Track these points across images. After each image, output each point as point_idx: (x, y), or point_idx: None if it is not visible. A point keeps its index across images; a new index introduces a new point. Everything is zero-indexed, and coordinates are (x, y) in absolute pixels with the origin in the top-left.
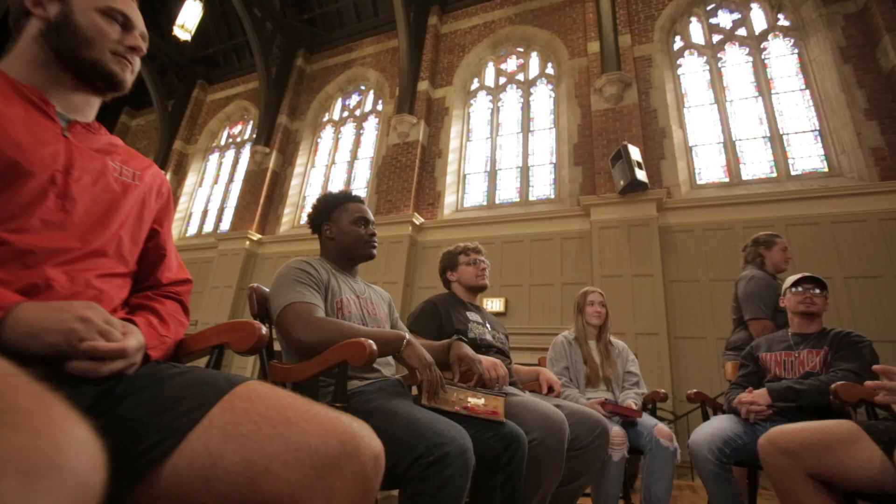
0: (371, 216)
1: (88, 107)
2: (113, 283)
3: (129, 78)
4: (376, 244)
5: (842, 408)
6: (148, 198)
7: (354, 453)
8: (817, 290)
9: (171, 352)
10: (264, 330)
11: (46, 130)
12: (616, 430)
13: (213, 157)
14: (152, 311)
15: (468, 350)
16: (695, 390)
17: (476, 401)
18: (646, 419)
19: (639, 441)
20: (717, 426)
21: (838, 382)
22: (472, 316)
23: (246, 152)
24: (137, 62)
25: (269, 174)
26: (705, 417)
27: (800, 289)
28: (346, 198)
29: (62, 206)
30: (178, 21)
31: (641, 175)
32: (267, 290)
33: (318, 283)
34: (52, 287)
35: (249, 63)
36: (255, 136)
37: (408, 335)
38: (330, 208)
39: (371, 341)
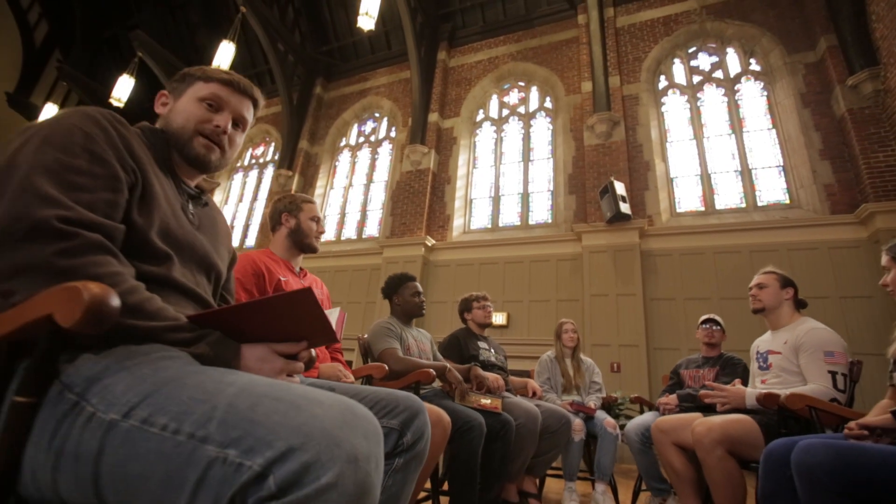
0: (421, 289)
1: (300, 260)
2: (326, 350)
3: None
4: (425, 308)
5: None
6: (325, 303)
7: (442, 419)
8: (717, 327)
9: None
10: (387, 367)
11: (298, 283)
12: (577, 422)
13: (238, 177)
14: (339, 361)
15: (480, 371)
16: (636, 395)
17: (485, 401)
18: (599, 414)
19: (594, 429)
20: (643, 419)
21: (702, 391)
22: (481, 345)
23: (268, 173)
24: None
25: None
26: (642, 412)
27: (706, 326)
28: (406, 278)
29: None
30: (214, 63)
31: (625, 208)
32: (366, 336)
33: (397, 336)
34: (319, 357)
35: (270, 89)
36: (277, 158)
37: (448, 364)
38: (397, 285)
39: (433, 370)
